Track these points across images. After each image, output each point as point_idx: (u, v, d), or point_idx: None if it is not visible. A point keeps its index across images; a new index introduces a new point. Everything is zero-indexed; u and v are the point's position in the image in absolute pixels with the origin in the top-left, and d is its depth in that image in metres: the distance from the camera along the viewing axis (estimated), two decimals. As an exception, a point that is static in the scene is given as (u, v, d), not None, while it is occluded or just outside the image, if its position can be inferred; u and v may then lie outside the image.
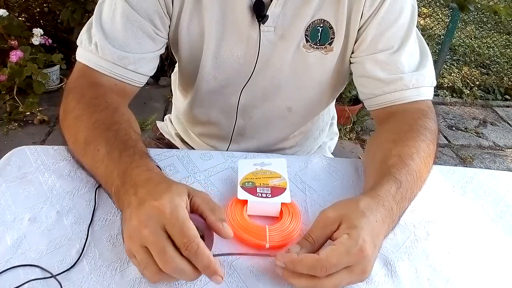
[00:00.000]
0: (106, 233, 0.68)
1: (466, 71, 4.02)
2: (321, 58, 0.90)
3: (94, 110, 0.75)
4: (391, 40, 0.86)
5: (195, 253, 0.53)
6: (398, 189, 0.68)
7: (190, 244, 0.53)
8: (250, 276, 0.63)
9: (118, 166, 0.65)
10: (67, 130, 0.77)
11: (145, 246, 0.54)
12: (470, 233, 0.76)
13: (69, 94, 0.80)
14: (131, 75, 0.84)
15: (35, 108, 2.72)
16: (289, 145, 1.13)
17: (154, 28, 0.84)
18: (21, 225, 0.68)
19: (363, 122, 3.02)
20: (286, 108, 1.00)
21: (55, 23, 3.12)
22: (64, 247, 0.65)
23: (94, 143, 0.70)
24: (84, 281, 0.60)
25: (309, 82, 0.95)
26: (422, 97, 0.87)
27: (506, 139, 3.14)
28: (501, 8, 3.11)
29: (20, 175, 0.78)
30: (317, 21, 0.86)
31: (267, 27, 0.86)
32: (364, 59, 0.89)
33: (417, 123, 0.82)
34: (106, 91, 0.80)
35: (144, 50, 0.84)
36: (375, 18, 0.85)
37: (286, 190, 0.74)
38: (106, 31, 0.82)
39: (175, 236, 0.54)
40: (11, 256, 0.63)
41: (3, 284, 0.59)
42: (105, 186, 0.68)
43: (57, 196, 0.74)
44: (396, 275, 0.66)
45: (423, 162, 0.75)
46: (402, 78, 0.85)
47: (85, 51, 0.83)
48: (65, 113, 0.79)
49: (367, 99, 0.93)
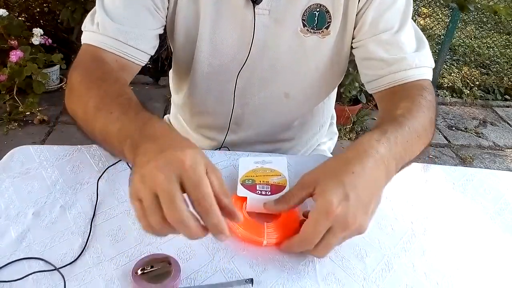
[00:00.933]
0: (108, 228, 0.69)
1: (466, 71, 4.03)
2: (318, 42, 0.91)
3: (103, 83, 0.75)
4: (390, 21, 0.88)
5: (207, 210, 0.53)
6: (391, 135, 0.70)
7: (205, 200, 0.53)
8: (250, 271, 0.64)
9: (135, 121, 0.64)
10: (76, 102, 0.77)
11: (155, 193, 0.53)
12: (468, 229, 0.77)
13: (74, 70, 0.81)
14: (131, 51, 0.85)
15: (35, 108, 2.72)
16: (287, 137, 1.13)
17: (154, 5, 0.85)
18: (25, 219, 0.69)
19: (363, 122, 3.03)
20: (283, 94, 1.00)
21: (55, 23, 3.12)
22: (67, 241, 0.66)
23: (106, 108, 0.69)
24: (86, 274, 0.61)
25: (306, 67, 0.96)
26: (424, 77, 0.88)
27: (506, 139, 3.15)
28: (501, 8, 3.12)
29: (23, 170, 0.79)
30: (313, 5, 0.87)
31: (261, 10, 0.87)
32: (367, 41, 0.90)
33: (413, 92, 0.84)
34: (112, 68, 0.81)
35: (145, 26, 0.85)
36: (374, 1, 0.86)
37: (286, 188, 0.74)
38: (107, 10, 0.83)
39: (190, 189, 0.54)
40: (16, 249, 0.64)
41: (8, 275, 0.60)
42: (118, 143, 0.64)
43: (60, 191, 0.75)
44: (393, 270, 0.67)
45: (416, 120, 0.76)
46: (405, 58, 0.87)
47: (88, 32, 0.85)
48: (72, 88, 0.79)
49: (371, 81, 0.93)
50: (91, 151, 0.85)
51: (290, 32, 0.90)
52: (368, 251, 0.69)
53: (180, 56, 0.99)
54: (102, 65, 0.81)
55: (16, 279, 0.59)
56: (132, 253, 0.65)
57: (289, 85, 0.99)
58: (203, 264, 0.64)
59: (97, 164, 0.82)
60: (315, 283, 0.63)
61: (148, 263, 0.60)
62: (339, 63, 0.98)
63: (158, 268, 0.59)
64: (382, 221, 0.76)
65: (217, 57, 0.93)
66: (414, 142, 0.75)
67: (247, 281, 0.61)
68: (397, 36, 0.88)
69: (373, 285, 0.64)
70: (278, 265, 0.65)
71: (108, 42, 0.82)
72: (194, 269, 0.63)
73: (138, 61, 0.87)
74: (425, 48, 0.90)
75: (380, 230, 0.74)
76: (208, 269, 0.64)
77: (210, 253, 0.66)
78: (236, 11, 0.87)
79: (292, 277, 0.64)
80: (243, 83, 0.97)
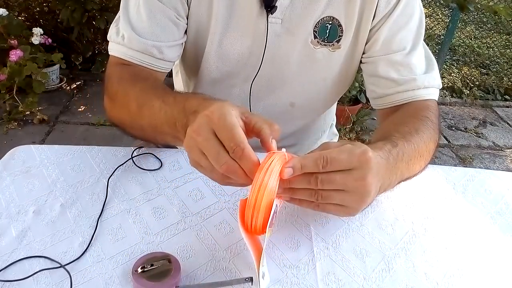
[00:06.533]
0: (109, 226, 0.69)
1: (466, 71, 4.03)
2: (328, 55, 0.91)
3: (135, 82, 0.80)
4: (403, 42, 0.88)
5: (240, 157, 0.56)
6: (394, 147, 0.70)
7: (236, 147, 0.56)
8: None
9: (176, 105, 0.69)
10: (119, 109, 0.82)
11: (203, 153, 0.58)
12: (469, 230, 0.77)
13: (108, 82, 0.85)
14: (157, 62, 0.87)
15: (34, 108, 2.72)
16: (290, 143, 1.13)
17: (177, 15, 0.86)
18: (25, 217, 0.69)
19: (363, 122, 3.03)
20: (289, 103, 1.01)
21: (55, 23, 3.12)
22: (68, 239, 0.66)
23: (146, 103, 0.75)
24: (87, 273, 0.61)
25: (314, 79, 0.96)
26: (431, 96, 0.90)
27: (505, 139, 3.15)
28: (501, 8, 3.12)
29: (24, 169, 0.79)
30: (326, 18, 0.87)
31: (274, 19, 0.87)
32: (378, 59, 0.90)
33: (419, 113, 0.85)
34: (140, 69, 0.85)
35: (169, 38, 0.86)
36: (390, 18, 0.87)
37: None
38: (132, 22, 0.85)
39: (224, 140, 0.57)
40: (16, 247, 0.64)
41: (10, 273, 0.60)
42: (169, 129, 0.70)
43: (60, 189, 0.75)
44: (393, 270, 0.67)
45: (422, 140, 0.77)
46: (415, 79, 0.88)
47: (114, 43, 0.87)
48: (111, 98, 0.84)
49: (377, 98, 0.94)
50: (92, 151, 0.85)
51: (301, 43, 0.90)
52: (368, 251, 0.69)
53: (188, 58, 0.99)
54: (131, 68, 0.85)
55: (22, 278, 0.59)
56: (132, 252, 0.65)
57: (296, 94, 0.99)
58: (203, 263, 0.64)
59: (98, 165, 0.82)
60: (315, 283, 0.63)
61: (148, 261, 0.60)
62: (347, 76, 0.98)
63: (158, 267, 0.59)
64: (383, 221, 0.76)
65: (226, 63, 0.93)
66: (416, 161, 0.76)
67: (246, 279, 0.61)
68: (408, 57, 0.88)
69: (373, 285, 0.64)
70: (278, 265, 0.65)
71: (134, 55, 0.85)
72: (194, 268, 0.63)
73: (164, 70, 0.89)
74: (434, 69, 0.91)
75: (380, 230, 0.74)
76: (208, 268, 0.64)
77: (210, 252, 0.66)
78: (249, 18, 0.87)
79: (292, 276, 0.64)
80: (250, 90, 0.97)
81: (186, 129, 0.62)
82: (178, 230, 0.70)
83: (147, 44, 0.84)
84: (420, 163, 0.77)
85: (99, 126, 2.73)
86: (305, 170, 0.59)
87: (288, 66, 0.93)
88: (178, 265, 0.60)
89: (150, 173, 0.81)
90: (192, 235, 0.69)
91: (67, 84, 3.13)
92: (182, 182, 0.80)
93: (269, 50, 0.90)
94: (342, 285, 0.63)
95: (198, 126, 0.59)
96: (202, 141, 0.58)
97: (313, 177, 0.60)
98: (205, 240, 0.68)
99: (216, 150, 0.57)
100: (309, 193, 0.62)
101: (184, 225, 0.71)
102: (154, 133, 0.76)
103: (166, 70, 0.90)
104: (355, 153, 0.60)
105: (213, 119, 0.58)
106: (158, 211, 0.73)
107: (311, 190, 0.61)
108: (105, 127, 2.72)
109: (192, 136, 0.59)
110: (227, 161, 0.56)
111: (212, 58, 0.93)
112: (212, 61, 0.93)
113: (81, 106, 2.93)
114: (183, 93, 0.73)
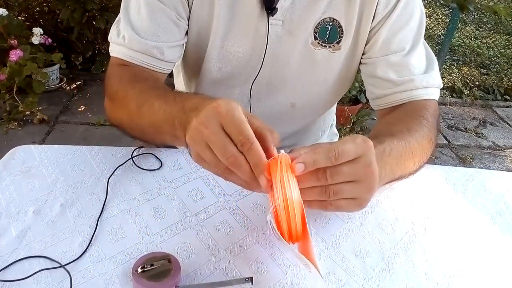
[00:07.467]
0: (109, 226, 0.69)
1: (466, 71, 4.03)
2: (328, 56, 0.92)
3: (136, 82, 0.80)
4: (402, 42, 0.88)
5: (247, 150, 0.56)
6: (380, 144, 0.69)
7: (246, 140, 0.56)
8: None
9: (176, 105, 0.68)
10: (119, 109, 0.82)
11: (209, 146, 0.57)
12: (469, 230, 0.77)
13: (108, 82, 0.85)
14: (158, 62, 0.87)
15: (34, 108, 2.72)
16: (290, 143, 1.13)
17: (177, 15, 0.86)
18: (25, 217, 0.69)
19: (363, 122, 3.03)
20: (289, 104, 1.01)
21: (55, 23, 3.12)
22: (67, 239, 0.66)
23: (146, 102, 0.74)
24: (87, 273, 0.61)
25: (315, 79, 0.96)
26: (430, 96, 0.89)
27: (505, 139, 3.15)
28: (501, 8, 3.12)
29: (24, 169, 0.79)
30: (326, 19, 0.88)
31: (275, 20, 0.87)
32: (376, 60, 0.90)
33: (415, 113, 0.85)
34: (141, 70, 0.85)
35: (170, 39, 0.86)
36: (389, 19, 0.87)
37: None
38: (133, 23, 0.85)
39: (232, 134, 0.57)
40: (16, 247, 0.64)
41: (10, 273, 0.60)
42: (168, 127, 0.69)
43: (60, 189, 0.75)
44: (393, 270, 0.67)
45: (413, 138, 0.76)
46: (413, 80, 0.88)
47: (115, 44, 0.87)
48: (111, 98, 0.84)
49: (376, 99, 0.94)
50: (91, 151, 0.85)
51: (301, 44, 0.90)
52: (368, 251, 0.69)
53: (189, 59, 0.99)
54: (132, 69, 0.85)
55: (22, 278, 0.59)
56: (132, 251, 0.65)
57: (296, 95, 1.00)
58: (203, 263, 0.64)
59: (98, 165, 0.82)
60: (315, 283, 0.63)
61: (148, 261, 0.60)
62: (347, 77, 0.98)
63: (158, 266, 0.59)
64: (383, 221, 0.76)
65: (227, 64, 0.94)
66: (408, 157, 0.75)
67: (246, 279, 0.61)
68: (407, 57, 0.88)
69: (373, 285, 0.64)
70: (278, 264, 0.65)
71: (134, 56, 0.85)
72: (194, 268, 0.63)
73: (165, 71, 0.89)
74: (434, 69, 0.91)
75: (380, 230, 0.74)
76: (208, 268, 0.64)
77: (210, 252, 0.66)
78: (250, 20, 0.88)
79: (292, 276, 0.64)
80: (250, 90, 0.97)
81: (185, 127, 0.62)
82: (178, 230, 0.70)
83: (148, 45, 0.84)
84: (413, 160, 0.77)
85: (99, 126, 2.73)
86: (317, 165, 0.58)
87: (289, 67, 0.93)
88: (178, 265, 0.60)
89: (150, 173, 0.81)
90: (192, 235, 0.69)
91: (67, 84, 3.14)
92: (182, 182, 0.80)
93: (269, 51, 0.90)
94: (342, 285, 0.63)
95: (205, 118, 0.58)
96: (209, 134, 0.57)
97: (321, 172, 0.58)
98: (205, 240, 0.68)
99: (223, 142, 0.56)
100: (319, 191, 0.60)
101: (184, 225, 0.71)
102: (153, 133, 0.76)
103: (167, 71, 0.90)
104: (358, 142, 0.60)
105: (221, 112, 0.57)
106: (158, 211, 0.73)
107: (321, 188, 0.59)
108: (105, 127, 2.72)
109: (198, 128, 0.58)
110: (234, 154, 0.56)
111: (213, 59, 0.93)
112: (214, 62, 0.93)
113: (81, 106, 2.94)
114: (184, 93, 0.73)
